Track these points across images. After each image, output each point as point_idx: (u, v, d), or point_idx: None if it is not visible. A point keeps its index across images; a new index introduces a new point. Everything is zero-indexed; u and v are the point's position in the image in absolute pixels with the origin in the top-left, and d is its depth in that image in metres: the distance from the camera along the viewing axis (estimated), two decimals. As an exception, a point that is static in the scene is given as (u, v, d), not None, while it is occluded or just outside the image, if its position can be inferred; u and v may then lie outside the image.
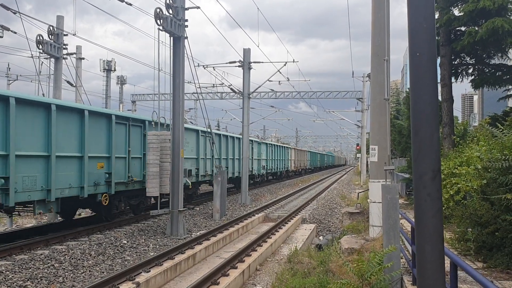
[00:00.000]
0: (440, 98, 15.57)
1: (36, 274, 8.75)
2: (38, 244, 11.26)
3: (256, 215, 17.71)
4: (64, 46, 17.60)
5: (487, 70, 16.37)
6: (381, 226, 8.10)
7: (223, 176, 17.71)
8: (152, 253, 10.86)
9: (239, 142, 26.64)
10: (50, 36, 17.17)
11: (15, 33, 16.99)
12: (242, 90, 23.99)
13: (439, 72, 15.39)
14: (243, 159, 23.87)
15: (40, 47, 16.64)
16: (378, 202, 10.37)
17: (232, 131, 41.28)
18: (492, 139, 8.39)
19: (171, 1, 13.46)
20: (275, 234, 13.81)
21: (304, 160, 59.66)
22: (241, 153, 24.84)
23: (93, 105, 15.77)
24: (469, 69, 16.84)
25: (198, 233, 13.42)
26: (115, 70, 35.67)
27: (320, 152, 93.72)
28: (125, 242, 12.01)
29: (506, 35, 12.98)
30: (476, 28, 14.26)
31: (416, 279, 3.90)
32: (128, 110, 36.08)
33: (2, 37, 27.15)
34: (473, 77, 16.67)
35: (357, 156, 55.45)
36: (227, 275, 9.07)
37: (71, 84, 20.42)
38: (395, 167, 20.75)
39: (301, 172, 57.10)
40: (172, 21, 13.25)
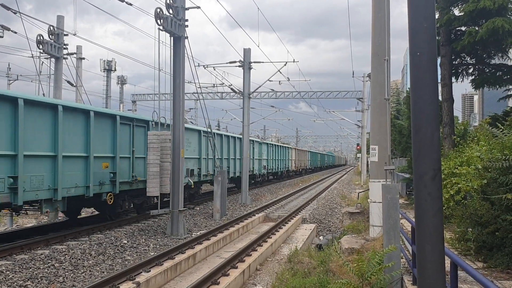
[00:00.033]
0: (441, 98, 15.56)
1: (37, 274, 8.76)
2: (39, 244, 11.27)
3: (257, 215, 17.71)
4: (65, 46, 17.62)
5: (488, 70, 16.35)
6: (382, 226, 8.10)
7: (223, 176, 17.72)
8: (153, 253, 10.86)
9: (240, 142, 26.68)
10: (51, 36, 17.19)
11: (16, 33, 17.00)
12: (243, 90, 23.99)
13: (439, 72, 15.38)
14: (244, 159, 23.88)
15: (41, 47, 16.66)
16: (379, 202, 10.37)
17: (233, 131, 41.28)
18: (493, 139, 8.39)
19: (172, 1, 13.46)
20: (275, 234, 13.81)
21: (305, 160, 59.69)
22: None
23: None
24: (470, 69, 16.82)
25: (199, 233, 13.42)
26: (116, 70, 35.70)
27: (321, 152, 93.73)
28: (126, 242, 12.01)
29: (507, 35, 12.97)
30: (477, 28, 14.25)
31: (417, 279, 3.89)
32: (129, 110, 36.08)
33: (3, 37, 27.17)
34: (474, 77, 16.66)
35: (358, 156, 55.43)
36: (228, 275, 9.07)
37: (72, 84, 20.45)
38: (396, 167, 20.75)
39: (302, 172, 57.14)
40: (172, 21, 13.25)
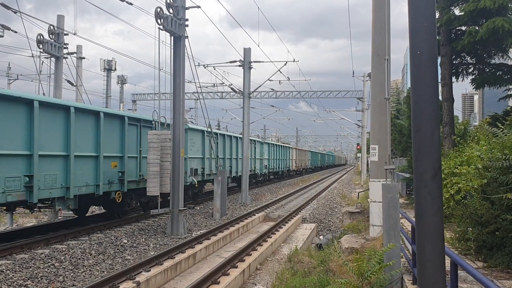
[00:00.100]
0: (441, 98, 15.55)
1: (37, 273, 8.76)
2: (39, 244, 11.28)
3: (257, 215, 17.71)
4: (65, 46, 17.62)
5: (488, 70, 16.35)
6: (382, 226, 8.10)
7: (224, 176, 17.72)
8: (153, 253, 10.86)
9: (242, 142, 26.82)
10: (51, 36, 17.17)
11: (16, 33, 16.97)
12: (243, 90, 23.98)
13: (440, 72, 15.38)
14: (244, 159, 23.90)
15: (41, 47, 16.65)
16: (379, 202, 10.37)
17: (233, 131, 41.30)
18: (493, 139, 8.39)
19: (172, 1, 13.45)
20: (276, 234, 13.81)
21: (305, 160, 59.74)
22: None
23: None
24: (470, 69, 16.82)
25: (199, 233, 13.42)
26: (116, 70, 35.70)
27: (321, 152, 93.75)
28: (126, 242, 12.01)
29: (507, 35, 12.97)
30: (477, 28, 14.25)
31: (417, 278, 3.89)
32: (129, 110, 36.12)
33: (3, 37, 27.15)
34: (474, 77, 16.66)
35: (358, 156, 55.43)
36: (228, 274, 9.08)
37: (72, 84, 20.44)
38: (396, 167, 20.74)
39: (302, 172, 57.20)
40: (173, 21, 13.24)
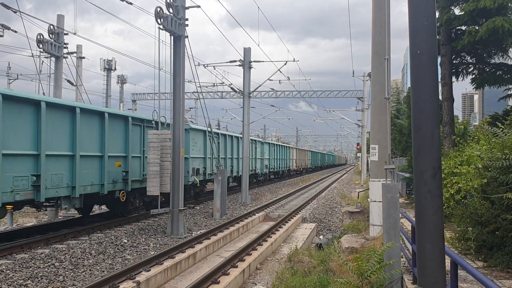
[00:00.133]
0: (441, 97, 15.55)
1: (37, 273, 8.75)
2: (39, 243, 11.28)
3: (257, 214, 17.71)
4: (65, 45, 17.59)
5: (488, 69, 16.34)
6: (382, 225, 8.10)
7: (224, 175, 17.72)
8: (153, 252, 10.86)
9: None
10: (51, 35, 17.15)
11: (16, 32, 16.96)
12: (243, 89, 23.98)
13: (440, 71, 15.37)
14: (244, 158, 23.90)
15: (41, 46, 16.63)
16: (379, 201, 10.37)
17: (233, 130, 41.34)
18: (493, 138, 8.39)
19: (172, 0, 13.44)
20: (276, 233, 13.81)
21: (305, 160, 59.79)
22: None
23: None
24: (470, 68, 16.82)
25: (199, 232, 13.42)
26: (116, 69, 35.70)
27: (321, 152, 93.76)
28: (126, 241, 12.01)
29: (507, 35, 12.96)
30: (477, 28, 14.24)
31: (417, 277, 3.89)
32: (129, 109, 36.13)
33: (3, 36, 27.14)
34: (474, 76, 16.65)
35: (358, 156, 55.42)
36: (228, 274, 9.08)
37: (72, 83, 20.44)
38: (396, 166, 20.74)
39: (302, 171, 57.27)
40: (173, 20, 13.24)
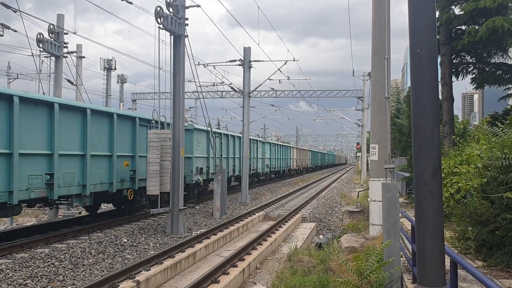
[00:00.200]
0: (441, 97, 15.55)
1: (37, 273, 8.75)
2: (38, 243, 11.28)
3: (257, 214, 17.71)
4: (65, 45, 17.58)
5: (488, 69, 16.34)
6: (381, 225, 8.10)
7: (223, 175, 17.72)
8: (153, 252, 10.86)
9: (243, 142, 27.06)
10: (51, 35, 17.14)
11: (16, 32, 16.96)
12: (243, 89, 23.97)
13: (440, 71, 15.37)
14: (243, 158, 23.92)
15: (41, 46, 16.61)
16: (378, 201, 10.37)
17: (232, 130, 41.36)
18: (493, 138, 8.39)
19: (172, 0, 13.45)
20: (275, 233, 13.82)
21: (306, 159, 59.87)
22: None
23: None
24: (470, 68, 16.82)
25: (199, 232, 13.42)
26: (116, 69, 35.74)
27: (321, 151, 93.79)
28: (125, 241, 12.01)
29: (507, 35, 12.95)
30: (477, 27, 14.24)
31: (417, 277, 3.89)
32: (129, 109, 36.14)
33: (3, 36, 27.09)
34: (474, 76, 16.65)
35: (358, 155, 55.41)
36: (228, 274, 9.08)
37: (72, 83, 20.44)
38: (396, 166, 20.75)
39: (303, 171, 57.34)
40: (173, 20, 13.23)
